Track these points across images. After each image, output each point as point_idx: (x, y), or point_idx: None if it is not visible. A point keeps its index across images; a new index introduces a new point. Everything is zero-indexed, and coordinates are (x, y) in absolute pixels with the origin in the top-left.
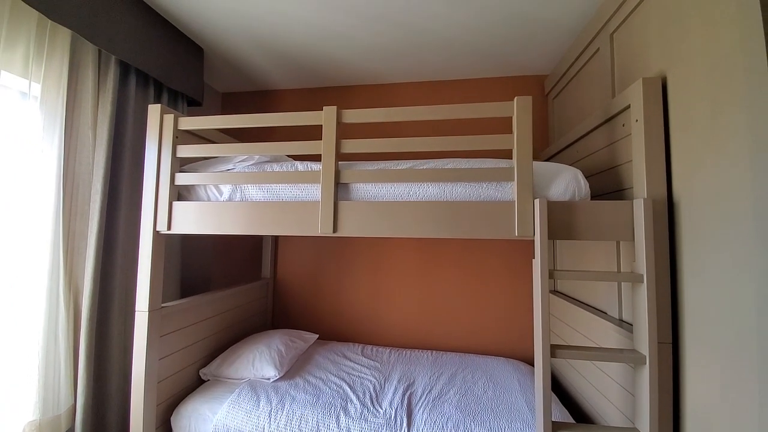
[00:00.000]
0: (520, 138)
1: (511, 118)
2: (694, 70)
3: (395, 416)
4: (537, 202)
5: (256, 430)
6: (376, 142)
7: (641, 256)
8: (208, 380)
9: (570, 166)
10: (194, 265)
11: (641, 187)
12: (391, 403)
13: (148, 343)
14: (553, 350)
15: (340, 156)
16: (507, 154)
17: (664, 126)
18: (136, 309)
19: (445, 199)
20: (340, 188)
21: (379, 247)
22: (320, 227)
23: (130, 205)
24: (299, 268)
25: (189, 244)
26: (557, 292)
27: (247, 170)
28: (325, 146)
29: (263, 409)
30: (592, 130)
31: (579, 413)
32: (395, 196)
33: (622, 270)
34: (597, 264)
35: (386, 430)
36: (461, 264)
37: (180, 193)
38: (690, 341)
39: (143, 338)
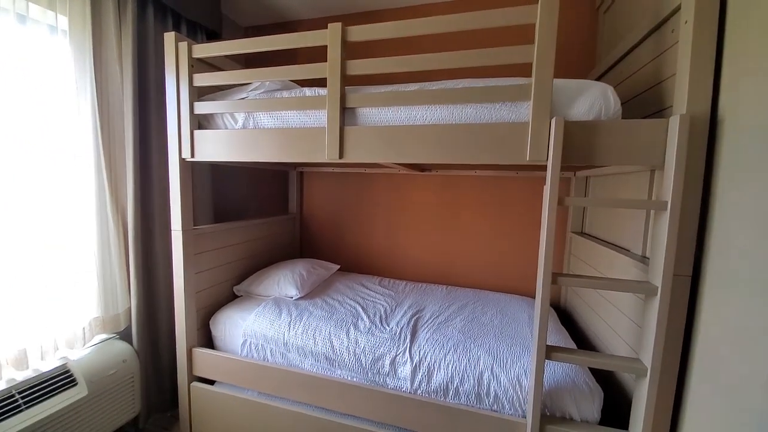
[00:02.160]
0: (541, 48)
1: (534, 26)
2: None
3: (400, 333)
4: (553, 121)
5: (277, 335)
6: (384, 61)
7: (669, 180)
8: (241, 296)
9: (599, 82)
10: (227, 199)
11: (681, 102)
12: (398, 323)
13: (185, 258)
14: (554, 277)
15: (347, 80)
16: (527, 73)
17: (719, 28)
18: (171, 228)
19: (454, 122)
20: (346, 113)
21: (400, 184)
22: (327, 153)
23: (159, 134)
24: (324, 204)
25: (220, 177)
26: (585, 233)
27: (258, 98)
28: (330, 68)
29: (284, 319)
30: (639, 42)
31: (590, 349)
32: (403, 120)
33: None
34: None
35: (389, 343)
36: (482, 202)
37: (200, 123)
38: (711, 275)
39: (180, 254)
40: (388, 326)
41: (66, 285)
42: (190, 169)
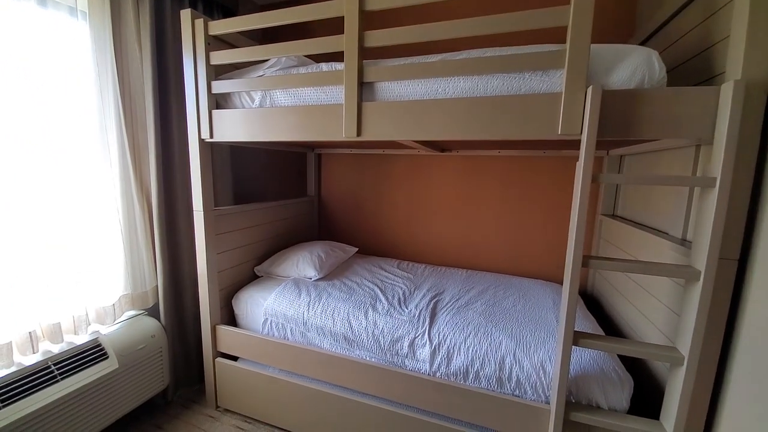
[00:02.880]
0: (577, 9)
1: None
2: None
3: (419, 316)
4: (589, 90)
5: (297, 314)
6: (404, 30)
7: (719, 154)
8: (261, 276)
9: (642, 47)
10: (246, 181)
11: (736, 67)
12: (417, 306)
13: (207, 238)
14: (585, 260)
15: (365, 52)
16: (560, 39)
17: None
18: (193, 209)
19: (479, 95)
20: (364, 88)
21: (419, 165)
22: (344, 131)
23: (180, 115)
24: (342, 186)
25: (239, 159)
26: (617, 216)
27: (274, 75)
28: (347, 40)
29: (303, 300)
30: (687, 2)
31: (620, 336)
32: (424, 94)
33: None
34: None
35: (408, 325)
36: (506, 183)
37: (218, 102)
38: (762, 259)
39: (202, 234)
40: (407, 308)
41: (96, 263)
42: (210, 149)
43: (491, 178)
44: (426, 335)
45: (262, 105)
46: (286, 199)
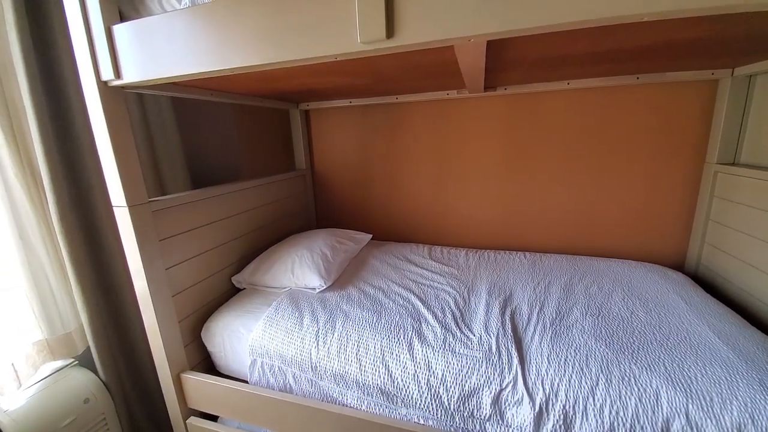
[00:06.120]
0: None
1: None
2: None
3: (497, 348)
4: None
5: (300, 354)
6: None
7: None
8: (244, 288)
9: None
10: (207, 155)
11: None
12: (486, 327)
13: (142, 248)
14: None
15: None
16: None
17: None
18: (112, 204)
19: None
20: None
21: (449, 114)
22: (359, 30)
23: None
24: (342, 153)
25: (191, 123)
26: (741, 164)
27: None
28: None
29: (308, 329)
30: None
31: None
32: None
33: None
34: None
35: (485, 367)
36: (574, 128)
37: (122, 12)
38: None
39: (132, 242)
40: (473, 333)
41: None
42: (124, 101)
43: (553, 123)
44: (520, 384)
45: (196, 1)
46: (267, 175)
